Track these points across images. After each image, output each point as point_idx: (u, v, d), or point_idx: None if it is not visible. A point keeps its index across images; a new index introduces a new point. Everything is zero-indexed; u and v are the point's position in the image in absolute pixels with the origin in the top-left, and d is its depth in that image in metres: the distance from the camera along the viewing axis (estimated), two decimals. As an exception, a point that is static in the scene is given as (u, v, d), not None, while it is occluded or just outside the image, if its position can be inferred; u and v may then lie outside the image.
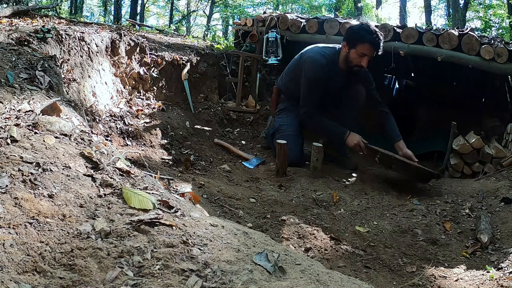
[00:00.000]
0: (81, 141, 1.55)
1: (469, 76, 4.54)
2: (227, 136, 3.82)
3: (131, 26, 6.49)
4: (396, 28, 3.94)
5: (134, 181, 1.42)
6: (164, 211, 1.22)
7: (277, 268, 1.02)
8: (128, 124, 3.13)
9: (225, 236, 1.15)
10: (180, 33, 8.94)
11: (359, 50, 2.98)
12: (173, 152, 3.15)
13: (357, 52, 2.99)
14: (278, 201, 2.52)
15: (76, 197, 1.19)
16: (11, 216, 1.03)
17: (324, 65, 3.08)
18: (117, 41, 3.52)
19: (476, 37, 3.57)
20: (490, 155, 3.32)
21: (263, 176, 2.97)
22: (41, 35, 2.62)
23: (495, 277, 1.82)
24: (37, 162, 1.27)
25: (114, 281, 0.92)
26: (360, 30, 3.00)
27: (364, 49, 2.97)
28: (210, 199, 2.38)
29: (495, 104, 4.75)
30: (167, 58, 3.94)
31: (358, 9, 15.03)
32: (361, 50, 2.98)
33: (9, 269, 0.88)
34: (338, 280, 1.03)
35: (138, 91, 3.69)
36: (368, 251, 2.12)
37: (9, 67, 2.03)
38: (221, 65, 4.53)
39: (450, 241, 2.29)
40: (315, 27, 4.22)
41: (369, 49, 2.97)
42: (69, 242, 1.01)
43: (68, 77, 2.67)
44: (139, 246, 1.03)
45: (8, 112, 1.59)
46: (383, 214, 2.53)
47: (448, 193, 2.87)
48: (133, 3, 15.86)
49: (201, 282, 0.93)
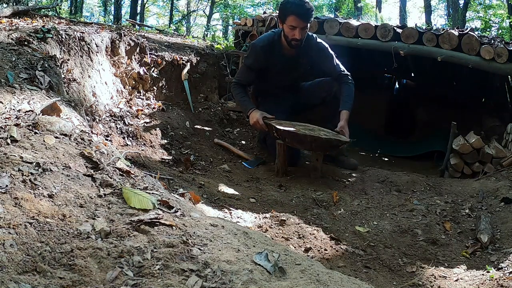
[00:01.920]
0: (81, 141, 1.55)
1: (469, 76, 4.55)
2: (227, 136, 3.82)
3: (131, 26, 6.49)
4: (396, 28, 3.95)
5: (134, 181, 1.42)
6: (164, 211, 1.22)
7: (277, 268, 1.02)
8: (128, 124, 3.13)
9: (225, 236, 1.15)
10: (180, 33, 8.95)
11: (288, 23, 2.99)
12: (173, 152, 3.15)
13: (288, 26, 3.00)
14: (278, 201, 2.52)
15: (76, 197, 1.19)
16: (11, 216, 1.03)
17: (259, 49, 3.15)
18: (117, 41, 3.52)
19: (476, 37, 3.57)
20: (490, 155, 3.32)
21: (263, 176, 2.97)
22: (41, 35, 2.62)
23: (495, 277, 1.82)
24: (37, 162, 1.27)
25: (114, 281, 0.92)
26: (286, 3, 3.01)
27: (292, 21, 2.97)
28: (210, 199, 2.38)
29: (495, 104, 4.75)
30: (167, 58, 3.94)
31: (358, 9, 15.02)
32: (290, 23, 2.98)
33: (9, 269, 0.88)
34: (338, 280, 1.03)
35: (138, 91, 3.69)
36: (368, 251, 2.12)
37: (9, 67, 2.03)
38: (221, 65, 4.53)
39: (450, 241, 2.29)
40: (315, 27, 4.22)
41: (296, 20, 2.95)
42: (69, 242, 1.01)
43: (68, 77, 2.67)
44: (139, 246, 1.03)
45: (8, 112, 1.59)
46: (383, 214, 2.53)
47: (448, 193, 2.87)
48: (133, 3, 15.86)
49: (201, 282, 0.93)
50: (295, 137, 2.86)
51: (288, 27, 3.01)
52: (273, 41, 3.17)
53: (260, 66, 3.24)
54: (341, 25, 4.11)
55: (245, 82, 3.35)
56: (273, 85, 3.36)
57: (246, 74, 3.31)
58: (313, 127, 3.03)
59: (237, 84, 3.33)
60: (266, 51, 3.16)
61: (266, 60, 3.19)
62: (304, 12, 2.96)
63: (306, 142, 2.86)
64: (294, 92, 3.41)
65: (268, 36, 3.23)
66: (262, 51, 3.16)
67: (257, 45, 3.20)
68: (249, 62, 3.26)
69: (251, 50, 3.26)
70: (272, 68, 3.24)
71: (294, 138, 2.86)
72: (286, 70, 3.26)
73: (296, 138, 2.86)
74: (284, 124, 2.97)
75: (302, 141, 2.87)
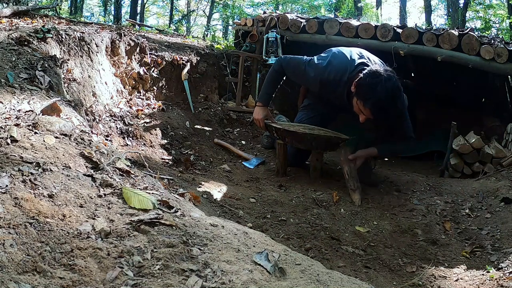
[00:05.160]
0: (81, 141, 1.55)
1: (469, 76, 4.55)
2: (227, 136, 3.82)
3: (131, 26, 6.49)
4: (396, 28, 3.95)
5: (134, 181, 1.42)
6: (164, 211, 1.22)
7: (277, 268, 1.02)
8: (128, 124, 3.13)
9: (225, 236, 1.15)
10: (180, 33, 8.94)
11: (359, 104, 2.61)
12: (173, 152, 3.15)
13: (359, 106, 2.62)
14: (278, 201, 2.52)
15: (76, 197, 1.19)
16: (11, 216, 1.03)
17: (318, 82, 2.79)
18: (117, 41, 3.52)
19: (476, 37, 3.57)
20: (490, 155, 3.33)
21: (263, 176, 2.97)
22: (41, 35, 2.62)
23: (495, 277, 1.82)
24: (37, 162, 1.27)
25: (114, 281, 0.92)
26: (369, 89, 2.53)
27: (364, 111, 2.60)
28: (210, 199, 2.38)
29: (495, 104, 4.75)
30: (167, 58, 3.94)
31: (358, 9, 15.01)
32: (362, 109, 2.60)
33: (9, 269, 0.88)
34: (338, 280, 1.03)
35: (138, 91, 3.69)
36: (368, 251, 2.12)
37: (9, 67, 2.03)
38: (221, 65, 4.53)
39: (450, 241, 2.29)
40: (315, 27, 4.22)
41: (369, 113, 2.60)
42: (69, 242, 1.01)
43: (68, 77, 2.67)
44: (139, 246, 1.03)
45: (8, 112, 1.59)
46: (383, 214, 2.53)
47: (448, 193, 2.87)
48: (133, 3, 15.86)
49: (201, 282, 0.93)
50: (295, 136, 2.85)
51: (358, 107, 2.62)
52: (340, 82, 2.72)
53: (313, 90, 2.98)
54: (341, 25, 4.11)
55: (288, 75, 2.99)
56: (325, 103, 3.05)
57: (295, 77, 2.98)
58: (312, 127, 3.03)
59: (280, 69, 2.95)
60: (325, 86, 2.80)
61: (321, 91, 2.88)
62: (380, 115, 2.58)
63: (306, 140, 2.86)
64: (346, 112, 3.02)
65: (337, 72, 2.72)
66: (320, 84, 2.80)
67: (320, 75, 2.77)
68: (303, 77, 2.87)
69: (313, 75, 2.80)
70: (327, 99, 2.96)
71: (294, 137, 2.86)
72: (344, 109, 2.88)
73: (296, 137, 2.85)
74: (284, 125, 2.97)
75: (302, 140, 2.86)
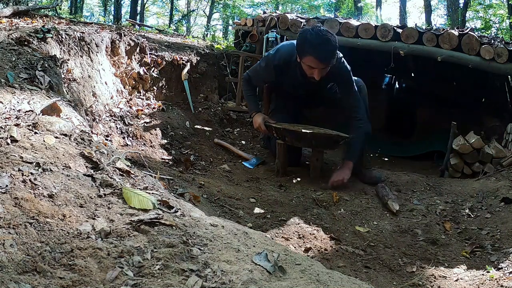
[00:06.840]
0: (81, 141, 1.55)
1: (469, 76, 4.55)
2: (227, 136, 3.82)
3: (131, 26, 6.50)
4: (396, 28, 3.95)
5: (134, 181, 1.42)
6: (164, 211, 1.22)
7: (277, 268, 1.02)
8: (128, 124, 3.13)
9: (225, 236, 1.15)
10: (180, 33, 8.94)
11: (305, 62, 2.65)
12: (173, 152, 3.15)
13: (305, 64, 2.66)
14: (278, 201, 2.52)
15: (76, 197, 1.19)
16: (11, 216, 1.03)
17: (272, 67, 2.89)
18: (117, 41, 3.52)
19: (476, 37, 3.58)
20: (490, 155, 3.32)
21: (263, 176, 2.97)
22: (41, 35, 2.62)
23: (495, 277, 1.82)
24: (37, 162, 1.27)
25: (114, 281, 0.92)
26: (304, 39, 2.61)
27: (310, 62, 2.62)
28: (210, 199, 2.38)
29: (495, 104, 4.75)
30: (167, 58, 3.94)
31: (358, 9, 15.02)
32: (308, 63, 2.64)
33: (9, 269, 0.88)
34: (338, 280, 1.03)
35: (138, 91, 3.69)
36: (368, 251, 2.12)
37: (9, 67, 2.03)
38: (221, 65, 4.53)
39: (450, 241, 2.29)
40: (315, 27, 4.22)
41: (315, 61, 2.60)
42: (69, 242, 1.01)
43: (68, 77, 2.67)
44: (139, 246, 1.03)
45: (8, 112, 1.59)
46: (383, 214, 2.53)
47: (448, 193, 2.87)
48: (133, 3, 15.86)
49: (201, 282, 0.93)
50: (295, 135, 2.85)
51: (306, 65, 2.67)
52: (290, 62, 2.83)
53: (271, 80, 3.07)
54: (341, 25, 4.11)
55: (254, 83, 3.22)
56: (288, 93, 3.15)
57: (256, 78, 3.15)
58: (312, 127, 3.03)
59: (247, 80, 3.18)
60: (279, 71, 2.90)
61: (278, 78, 2.96)
62: (325, 56, 2.60)
63: (306, 139, 2.86)
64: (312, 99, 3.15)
65: (286, 55, 2.84)
66: (274, 70, 2.90)
67: (272, 62, 2.90)
68: (261, 71, 3.05)
69: (265, 64, 2.98)
70: (286, 84, 3.03)
71: (294, 136, 2.86)
72: (302, 88, 2.99)
73: (296, 136, 2.85)
74: (284, 125, 2.97)
75: (302, 138, 2.86)
